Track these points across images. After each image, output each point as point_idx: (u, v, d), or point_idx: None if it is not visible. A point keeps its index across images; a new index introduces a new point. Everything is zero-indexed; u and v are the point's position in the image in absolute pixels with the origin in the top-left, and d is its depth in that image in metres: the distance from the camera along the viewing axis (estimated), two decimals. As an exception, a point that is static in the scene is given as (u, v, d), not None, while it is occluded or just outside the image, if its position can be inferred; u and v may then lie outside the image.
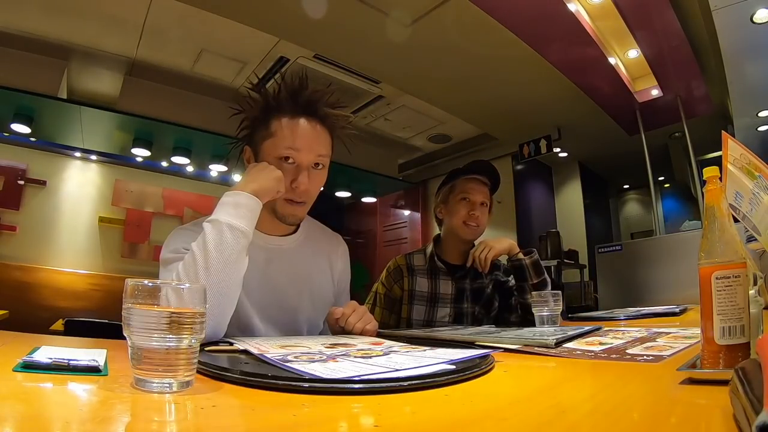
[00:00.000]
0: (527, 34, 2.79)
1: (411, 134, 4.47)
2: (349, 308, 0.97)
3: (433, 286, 1.50)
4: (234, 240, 0.81)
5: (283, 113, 0.95)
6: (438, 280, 1.51)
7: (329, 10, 2.54)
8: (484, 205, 1.51)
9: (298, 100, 0.96)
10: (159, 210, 4.24)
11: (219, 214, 0.83)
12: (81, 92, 3.28)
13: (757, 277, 0.55)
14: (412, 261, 1.55)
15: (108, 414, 0.38)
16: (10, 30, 2.79)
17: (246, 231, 0.83)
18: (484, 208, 1.51)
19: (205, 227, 0.82)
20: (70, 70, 3.15)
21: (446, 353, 0.65)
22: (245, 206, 0.85)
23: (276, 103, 0.96)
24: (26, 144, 3.62)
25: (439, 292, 1.50)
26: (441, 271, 1.51)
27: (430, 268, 1.52)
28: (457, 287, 1.50)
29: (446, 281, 1.51)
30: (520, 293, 1.41)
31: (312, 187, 0.97)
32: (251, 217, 0.86)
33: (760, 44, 2.56)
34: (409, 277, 1.51)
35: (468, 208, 1.48)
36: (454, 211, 1.50)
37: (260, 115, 0.98)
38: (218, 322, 0.81)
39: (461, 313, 1.49)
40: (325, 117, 0.97)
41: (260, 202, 0.87)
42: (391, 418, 0.40)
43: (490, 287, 1.53)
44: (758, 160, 0.57)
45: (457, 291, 1.50)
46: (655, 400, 0.46)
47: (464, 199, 1.50)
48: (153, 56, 3.15)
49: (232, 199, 0.85)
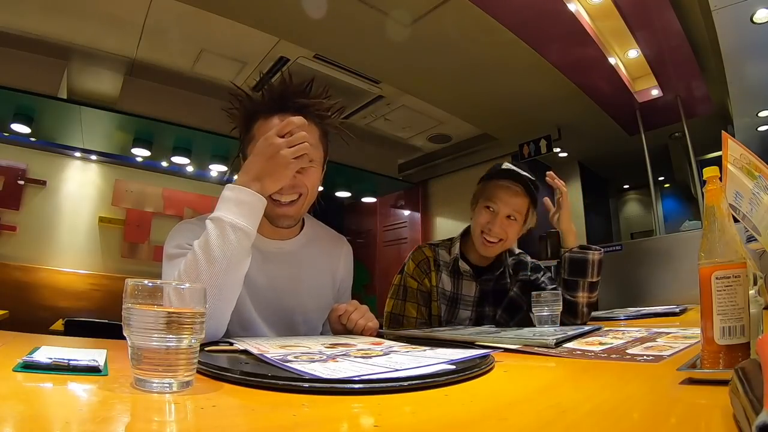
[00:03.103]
0: (527, 34, 2.78)
1: (411, 134, 4.46)
2: (351, 306, 0.97)
3: (456, 286, 1.39)
4: (237, 240, 0.79)
5: (261, 115, 0.94)
6: (461, 281, 1.39)
7: (329, 10, 2.54)
8: (511, 218, 1.32)
9: (273, 98, 0.94)
10: (159, 210, 4.25)
11: (221, 211, 0.81)
12: (81, 92, 3.29)
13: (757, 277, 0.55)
14: (439, 255, 1.41)
15: (108, 414, 0.38)
16: (10, 30, 2.79)
17: (249, 231, 0.81)
18: (511, 223, 1.32)
19: (208, 225, 0.80)
20: (70, 70, 3.15)
21: (446, 353, 0.65)
22: (248, 204, 0.82)
23: (254, 107, 0.96)
24: (26, 144, 3.62)
25: (462, 293, 1.39)
26: (465, 273, 1.39)
27: (454, 268, 1.39)
28: (481, 289, 1.39)
29: (469, 282, 1.39)
30: (570, 289, 1.26)
31: (301, 183, 0.93)
32: (254, 215, 0.83)
33: (760, 44, 2.56)
34: (435, 272, 1.38)
35: (488, 219, 1.32)
36: (476, 217, 1.36)
37: (244, 122, 0.98)
38: (218, 322, 0.81)
39: (483, 316, 1.39)
40: (302, 108, 0.92)
41: (264, 200, 0.84)
42: (391, 418, 0.40)
43: (515, 289, 1.41)
44: (758, 160, 0.57)
45: (481, 293, 1.39)
46: (655, 400, 0.46)
47: (488, 207, 1.33)
48: (153, 56, 3.14)
49: (234, 195, 0.82)
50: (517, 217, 1.33)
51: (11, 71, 2.88)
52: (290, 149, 0.82)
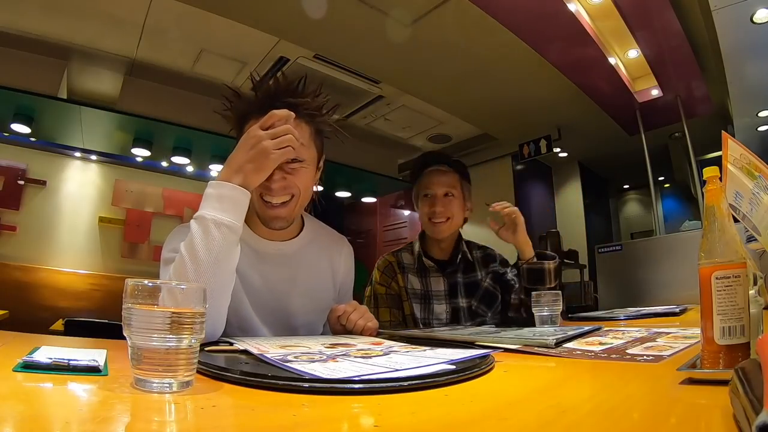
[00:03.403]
0: (527, 34, 2.79)
1: (411, 134, 4.46)
2: (350, 306, 0.97)
3: (424, 284, 1.46)
4: (221, 236, 0.78)
5: (252, 115, 0.92)
6: (429, 278, 1.47)
7: (329, 10, 2.54)
8: (449, 195, 1.42)
9: (264, 97, 0.93)
10: (159, 210, 4.24)
11: (204, 209, 0.80)
12: (81, 92, 3.28)
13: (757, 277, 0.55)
14: (402, 258, 1.49)
15: (108, 414, 0.38)
16: (10, 30, 2.79)
17: (233, 225, 0.80)
18: (450, 200, 1.42)
19: (192, 225, 0.79)
20: (70, 70, 3.15)
21: (446, 353, 0.65)
22: (230, 198, 0.80)
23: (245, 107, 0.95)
24: (26, 144, 3.62)
25: (432, 289, 1.46)
26: (431, 269, 1.47)
27: (419, 267, 1.47)
28: (449, 282, 1.46)
29: (437, 278, 1.47)
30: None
31: (292, 183, 0.91)
32: (238, 209, 0.81)
33: (760, 44, 2.57)
34: (401, 274, 1.46)
35: (429, 204, 1.42)
36: (421, 211, 1.46)
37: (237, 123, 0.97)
38: (216, 320, 0.81)
39: (458, 308, 1.45)
40: (292, 107, 0.89)
41: (247, 192, 0.82)
42: (391, 418, 0.40)
43: (488, 280, 1.48)
44: (758, 160, 0.57)
45: (450, 286, 1.46)
46: (655, 400, 0.46)
47: (425, 195, 1.44)
48: (153, 56, 3.14)
49: (216, 191, 0.81)
50: (454, 193, 1.43)
51: (11, 71, 2.88)
52: (272, 141, 0.82)
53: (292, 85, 0.95)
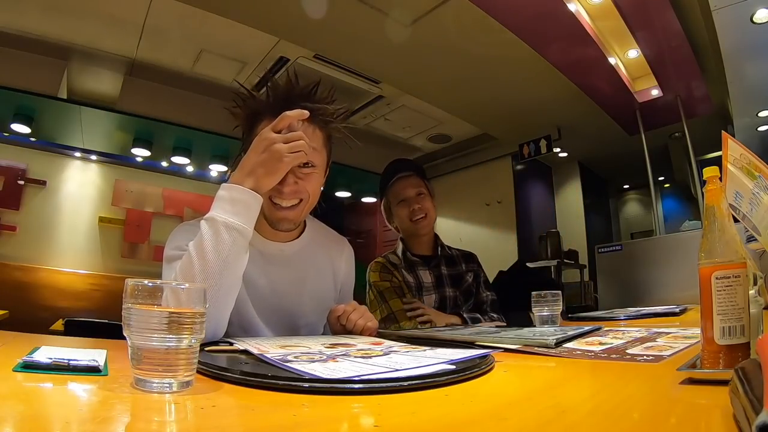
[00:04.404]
0: (527, 34, 2.79)
1: (411, 134, 4.46)
2: (350, 306, 0.97)
3: (415, 277, 1.58)
4: (231, 240, 0.78)
5: (265, 116, 0.92)
6: (417, 272, 1.59)
7: (329, 10, 2.54)
8: (421, 195, 1.59)
9: (278, 99, 0.92)
10: (159, 210, 4.25)
11: (215, 210, 0.80)
12: (81, 92, 3.28)
13: (757, 277, 0.55)
14: (390, 259, 1.61)
15: (108, 414, 0.38)
16: (10, 30, 2.79)
17: (243, 229, 0.80)
18: (423, 197, 1.59)
19: (202, 226, 0.79)
20: (70, 70, 3.15)
21: (446, 353, 0.65)
22: (242, 202, 0.80)
23: (257, 106, 0.94)
24: (26, 144, 3.63)
25: (422, 281, 1.58)
26: (417, 263, 1.60)
27: (407, 264, 1.60)
28: (435, 275, 1.59)
29: (424, 271, 1.60)
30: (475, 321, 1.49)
31: (303, 188, 0.92)
32: (249, 213, 0.81)
33: (760, 44, 2.57)
34: (396, 271, 1.57)
35: (408, 206, 1.57)
36: (400, 215, 1.60)
37: (247, 122, 0.96)
38: (218, 322, 0.81)
39: (445, 297, 1.57)
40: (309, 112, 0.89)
41: (259, 197, 0.82)
42: (391, 418, 0.40)
43: (470, 277, 1.64)
44: (758, 160, 0.57)
45: (436, 278, 1.59)
46: (655, 400, 0.46)
47: (402, 201, 1.59)
48: (153, 56, 3.14)
49: (228, 194, 0.81)
50: (423, 191, 1.60)
51: (11, 71, 2.89)
52: (286, 144, 0.82)
53: (307, 89, 0.94)
